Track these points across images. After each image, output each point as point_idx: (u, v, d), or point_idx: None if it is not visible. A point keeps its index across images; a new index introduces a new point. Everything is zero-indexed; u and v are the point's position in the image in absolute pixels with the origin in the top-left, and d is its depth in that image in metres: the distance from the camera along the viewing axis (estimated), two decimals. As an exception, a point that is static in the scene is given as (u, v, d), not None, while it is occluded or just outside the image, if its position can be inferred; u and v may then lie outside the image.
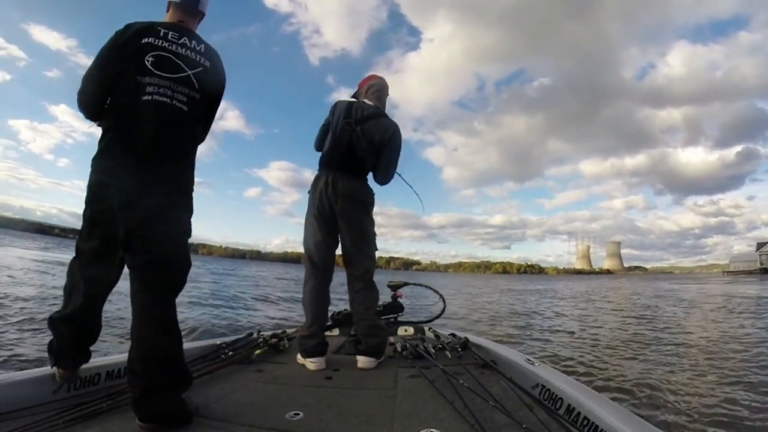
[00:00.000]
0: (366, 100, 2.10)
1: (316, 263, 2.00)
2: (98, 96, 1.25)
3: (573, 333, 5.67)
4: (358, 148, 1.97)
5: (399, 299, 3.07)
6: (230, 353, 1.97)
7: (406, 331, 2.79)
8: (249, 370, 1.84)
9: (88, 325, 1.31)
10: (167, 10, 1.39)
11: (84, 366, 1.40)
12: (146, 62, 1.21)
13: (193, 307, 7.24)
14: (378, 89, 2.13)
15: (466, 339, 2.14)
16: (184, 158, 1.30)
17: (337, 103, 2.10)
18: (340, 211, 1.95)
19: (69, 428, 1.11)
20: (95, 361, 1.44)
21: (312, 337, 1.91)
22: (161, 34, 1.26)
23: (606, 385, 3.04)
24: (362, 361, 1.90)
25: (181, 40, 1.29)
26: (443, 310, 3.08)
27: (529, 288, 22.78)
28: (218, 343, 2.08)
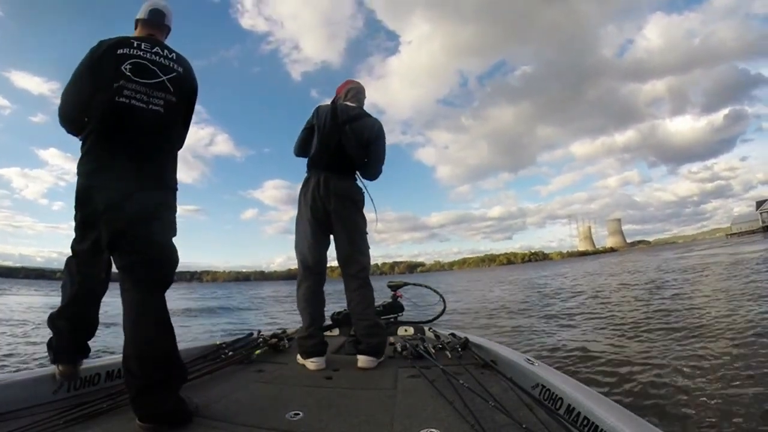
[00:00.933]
0: (348, 103, 2.15)
1: (310, 265, 2.02)
2: (78, 108, 1.31)
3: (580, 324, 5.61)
4: (348, 147, 2.01)
5: (399, 299, 3.07)
6: (230, 353, 1.97)
7: (406, 331, 2.80)
8: (249, 370, 1.84)
9: (85, 320, 1.35)
10: (135, 28, 1.49)
11: (84, 366, 1.41)
12: (124, 69, 1.27)
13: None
14: (356, 92, 2.21)
15: (466, 339, 2.14)
16: (165, 158, 1.35)
17: (319, 107, 2.14)
18: (334, 210, 1.97)
19: (69, 428, 1.11)
20: (95, 361, 1.45)
21: (311, 337, 1.92)
22: (135, 45, 1.34)
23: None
24: (362, 360, 1.90)
25: (154, 50, 1.37)
26: (443, 310, 3.08)
27: (533, 276, 22.52)
28: (218, 343, 2.08)
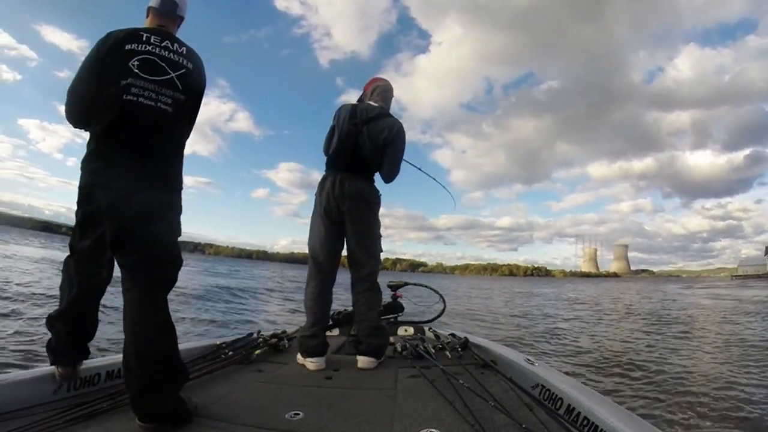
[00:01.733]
0: (371, 102, 2.13)
1: (321, 263, 2.02)
2: (85, 105, 1.28)
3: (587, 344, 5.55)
4: (364, 149, 1.99)
5: (399, 299, 3.07)
6: (230, 353, 1.97)
7: (406, 331, 2.80)
8: (249, 370, 1.84)
9: (85, 321, 1.34)
10: (147, 16, 1.44)
11: (84, 366, 1.40)
12: (131, 66, 1.24)
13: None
14: (383, 90, 2.16)
15: (466, 339, 2.14)
16: (171, 158, 1.33)
17: (341, 107, 2.12)
18: (347, 212, 1.97)
19: (69, 428, 1.11)
20: (95, 361, 1.44)
21: (313, 337, 1.92)
22: (144, 39, 1.29)
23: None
24: (362, 361, 1.90)
25: (164, 44, 1.32)
26: (443, 310, 3.08)
27: (535, 291, 22.52)
28: (218, 343, 2.08)
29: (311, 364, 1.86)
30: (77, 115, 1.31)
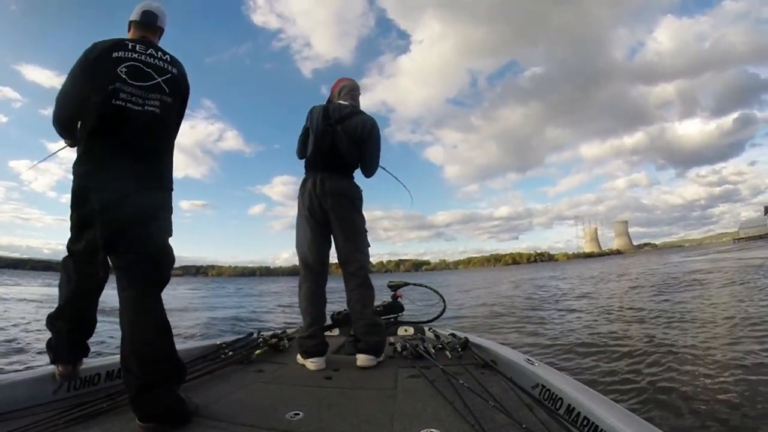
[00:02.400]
0: (341, 101, 2.16)
1: (311, 265, 2.03)
2: (72, 111, 1.32)
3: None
4: (341, 146, 2.02)
5: (399, 299, 3.07)
6: (230, 353, 1.97)
7: (406, 331, 2.80)
8: (249, 370, 1.84)
9: (84, 319, 1.36)
10: (128, 30, 1.50)
11: (84, 366, 1.41)
12: (119, 72, 1.28)
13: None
14: (350, 89, 2.20)
15: (466, 339, 2.14)
16: (161, 158, 1.36)
17: (312, 108, 2.14)
18: (330, 209, 1.99)
19: (69, 428, 1.11)
20: (95, 361, 1.45)
21: (312, 337, 1.92)
22: (129, 47, 1.34)
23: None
24: (361, 359, 1.90)
25: (148, 51, 1.38)
26: (443, 310, 3.08)
27: (537, 277, 22.30)
28: (218, 343, 2.08)
29: (311, 364, 1.87)
30: (64, 121, 1.36)
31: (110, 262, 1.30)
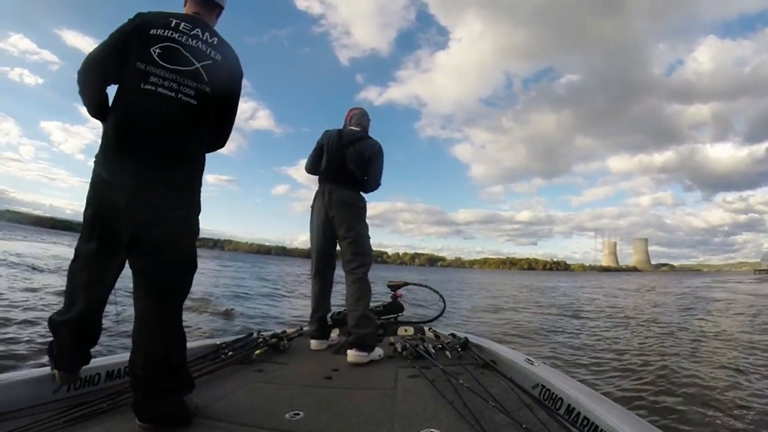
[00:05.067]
0: (352, 127, 2.48)
1: (318, 265, 2.36)
2: (99, 80, 1.19)
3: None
4: (350, 163, 2.29)
5: (399, 299, 3.07)
6: (230, 353, 1.97)
7: (406, 331, 2.79)
8: (249, 370, 1.84)
9: (88, 329, 1.26)
10: (185, 3, 1.36)
11: (84, 366, 1.40)
12: (152, 53, 1.15)
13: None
14: (359, 117, 2.52)
15: (466, 339, 2.14)
16: (192, 158, 1.23)
17: (326, 132, 2.44)
18: (336, 216, 2.25)
19: (69, 428, 1.11)
20: (95, 361, 1.44)
21: (311, 323, 2.36)
22: (172, 25, 1.20)
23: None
24: (351, 355, 1.98)
25: (193, 32, 1.23)
26: (443, 310, 3.08)
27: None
28: (218, 343, 2.08)
29: (312, 344, 2.31)
30: (87, 87, 1.21)
31: (129, 265, 1.19)
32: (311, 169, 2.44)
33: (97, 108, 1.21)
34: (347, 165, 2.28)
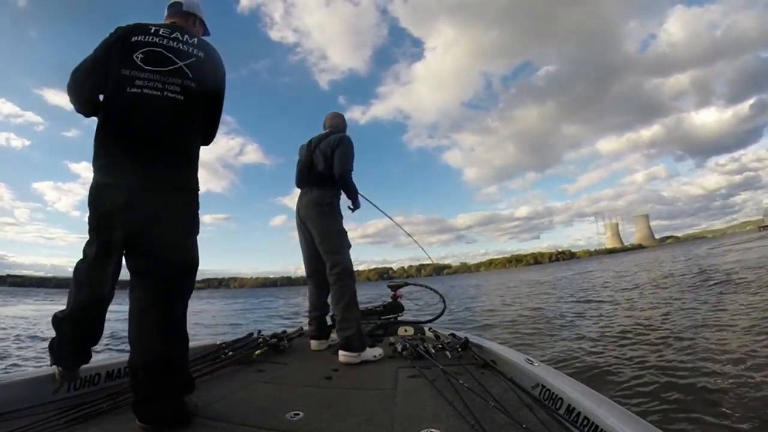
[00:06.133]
0: (326, 130, 2.55)
1: (308, 267, 2.45)
2: (89, 84, 1.24)
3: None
4: (316, 163, 2.34)
5: (399, 299, 3.07)
6: (230, 353, 1.97)
7: (406, 331, 2.80)
8: (249, 370, 1.84)
9: (91, 327, 1.27)
10: (165, 18, 1.46)
11: (84, 366, 1.40)
12: (135, 59, 1.20)
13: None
14: (330, 119, 2.58)
15: (466, 339, 2.14)
16: (185, 152, 1.25)
17: (301, 145, 2.54)
18: (307, 218, 2.32)
19: (69, 428, 1.11)
20: (95, 361, 1.45)
21: (312, 322, 2.42)
22: (151, 31, 1.27)
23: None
24: (341, 356, 2.01)
25: (173, 35, 1.29)
26: (443, 310, 3.08)
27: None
28: (218, 343, 2.08)
29: (313, 344, 2.36)
30: (78, 93, 1.26)
31: (127, 266, 1.20)
32: (296, 182, 2.49)
33: (92, 111, 1.27)
34: (315, 167, 2.33)
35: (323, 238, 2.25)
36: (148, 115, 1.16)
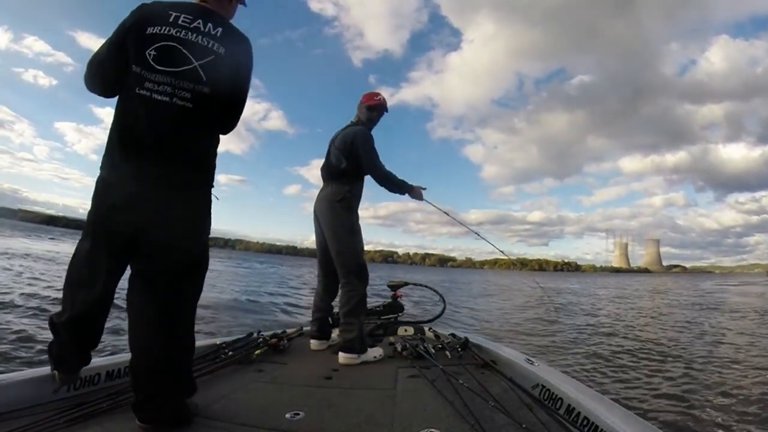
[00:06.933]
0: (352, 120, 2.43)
1: (319, 270, 2.40)
2: (105, 83, 1.19)
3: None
4: (333, 157, 2.28)
5: (399, 299, 3.07)
6: (230, 353, 1.97)
7: (406, 331, 2.80)
8: (249, 370, 1.84)
9: (88, 331, 1.22)
10: None
11: (84, 367, 1.40)
12: (147, 56, 1.11)
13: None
14: (358, 107, 2.41)
15: (466, 339, 2.14)
16: (192, 154, 1.18)
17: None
18: (319, 215, 2.29)
19: (69, 428, 1.11)
20: (95, 361, 1.44)
21: (314, 322, 2.37)
22: (170, 20, 1.14)
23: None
24: (340, 357, 2.02)
25: (194, 24, 1.15)
26: (443, 310, 3.08)
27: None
28: (218, 343, 2.08)
29: (313, 344, 2.32)
30: (94, 87, 1.21)
31: (131, 267, 1.17)
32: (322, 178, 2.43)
33: (99, 92, 1.22)
34: (331, 161, 2.28)
35: (333, 236, 2.20)
36: (153, 120, 1.11)
